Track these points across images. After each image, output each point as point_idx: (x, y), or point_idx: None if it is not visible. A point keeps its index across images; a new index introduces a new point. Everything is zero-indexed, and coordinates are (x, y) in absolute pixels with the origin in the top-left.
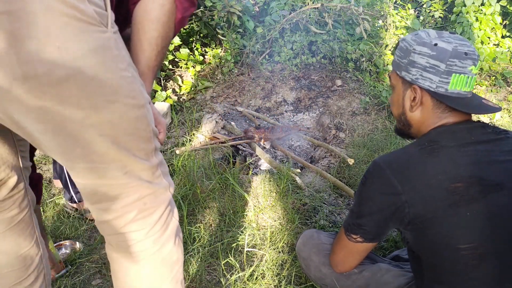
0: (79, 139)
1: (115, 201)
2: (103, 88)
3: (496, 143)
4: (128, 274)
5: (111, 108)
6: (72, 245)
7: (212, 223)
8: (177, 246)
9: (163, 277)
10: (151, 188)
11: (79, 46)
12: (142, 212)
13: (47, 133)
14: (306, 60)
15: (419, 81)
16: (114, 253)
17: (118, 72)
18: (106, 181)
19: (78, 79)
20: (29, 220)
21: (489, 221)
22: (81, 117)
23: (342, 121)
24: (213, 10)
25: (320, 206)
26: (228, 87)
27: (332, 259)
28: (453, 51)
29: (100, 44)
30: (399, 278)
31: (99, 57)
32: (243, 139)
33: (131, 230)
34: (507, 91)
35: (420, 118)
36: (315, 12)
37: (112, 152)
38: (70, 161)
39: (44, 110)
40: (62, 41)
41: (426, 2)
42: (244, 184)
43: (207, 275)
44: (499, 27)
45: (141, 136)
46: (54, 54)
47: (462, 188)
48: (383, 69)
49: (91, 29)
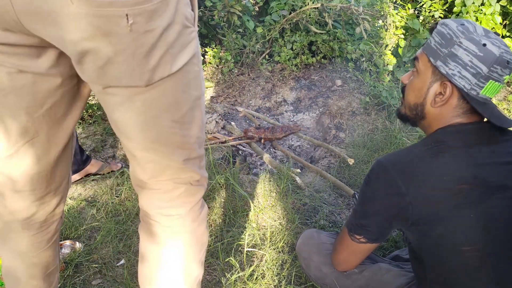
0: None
1: (168, 173)
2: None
3: (502, 144)
4: (163, 250)
5: (187, 100)
6: (72, 245)
7: (212, 223)
8: (207, 229)
9: (194, 256)
10: (198, 173)
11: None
12: (188, 190)
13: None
14: (306, 60)
15: (455, 78)
16: (155, 229)
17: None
18: (168, 161)
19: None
20: (58, 239)
21: (492, 223)
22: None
23: (342, 121)
24: (213, 10)
25: (320, 206)
26: (228, 87)
27: (334, 258)
28: (499, 57)
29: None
30: (399, 278)
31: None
32: (243, 139)
33: (175, 205)
34: (507, 91)
35: (437, 115)
36: (315, 12)
37: (179, 137)
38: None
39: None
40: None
41: (426, 2)
42: (244, 184)
43: (207, 275)
44: (499, 27)
45: (200, 124)
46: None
47: (466, 189)
48: (383, 69)
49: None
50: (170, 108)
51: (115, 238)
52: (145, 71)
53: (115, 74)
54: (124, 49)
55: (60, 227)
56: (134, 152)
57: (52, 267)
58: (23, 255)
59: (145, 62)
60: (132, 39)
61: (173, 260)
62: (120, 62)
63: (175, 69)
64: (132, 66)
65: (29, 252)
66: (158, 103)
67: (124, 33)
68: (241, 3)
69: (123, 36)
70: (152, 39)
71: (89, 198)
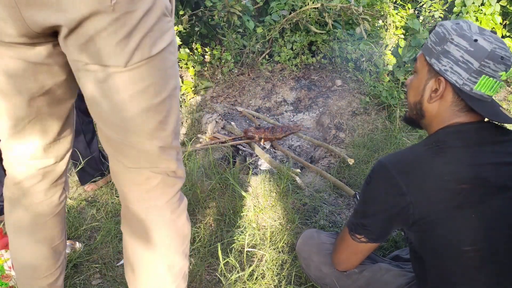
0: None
1: (144, 160)
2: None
3: (504, 145)
4: (144, 243)
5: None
6: (72, 245)
7: (212, 223)
8: (188, 221)
9: (176, 248)
10: (176, 163)
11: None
12: (165, 181)
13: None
14: (306, 60)
15: (447, 73)
16: (134, 221)
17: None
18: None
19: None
20: (63, 214)
21: (494, 223)
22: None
23: (342, 121)
24: (213, 10)
25: (320, 206)
26: (228, 87)
27: (334, 258)
28: (491, 52)
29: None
30: (399, 278)
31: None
32: (243, 139)
33: (153, 197)
34: (507, 91)
35: (435, 112)
36: (315, 12)
37: (155, 123)
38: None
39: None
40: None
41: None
42: (244, 184)
43: (207, 275)
44: (499, 27)
45: (177, 115)
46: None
47: (467, 189)
48: (383, 69)
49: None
50: (148, 91)
51: (115, 238)
52: (125, 51)
53: (96, 52)
54: (105, 28)
55: (64, 199)
56: (111, 134)
57: (58, 241)
58: (27, 223)
59: (126, 42)
60: (114, 18)
61: (154, 252)
62: (101, 41)
63: (154, 52)
64: (112, 45)
65: (33, 220)
66: (137, 84)
67: (107, 12)
68: (241, 3)
69: (106, 15)
70: (133, 21)
71: (89, 198)
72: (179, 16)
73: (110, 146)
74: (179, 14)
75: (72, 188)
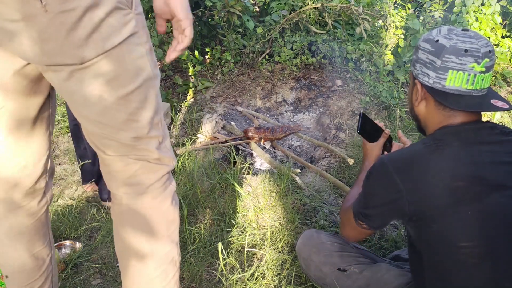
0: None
1: (121, 149)
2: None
3: (503, 144)
4: (125, 230)
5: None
6: (72, 245)
7: (212, 223)
8: (174, 207)
9: (160, 233)
10: (156, 152)
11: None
12: (146, 167)
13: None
14: (306, 60)
15: (419, 76)
16: (118, 208)
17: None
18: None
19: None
20: (45, 219)
21: (490, 220)
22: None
23: (342, 121)
24: (213, 10)
25: (320, 206)
26: (228, 87)
27: (342, 232)
28: (450, 47)
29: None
30: (399, 278)
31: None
32: (243, 139)
33: (133, 183)
34: (507, 91)
35: (425, 113)
36: (315, 12)
37: (124, 115)
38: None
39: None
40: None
41: (426, 2)
42: (244, 184)
43: (207, 275)
44: (499, 27)
45: (154, 106)
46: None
47: (463, 187)
48: (383, 69)
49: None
50: (112, 84)
51: None
52: (74, 49)
53: (46, 53)
54: (45, 28)
55: (45, 204)
56: (88, 127)
57: (38, 248)
58: (5, 229)
59: (71, 40)
60: (50, 19)
61: (134, 239)
62: (45, 41)
63: (109, 46)
64: (58, 45)
65: (10, 225)
66: (98, 78)
67: (40, 14)
68: (241, 3)
69: (40, 16)
70: (72, 18)
71: (89, 198)
72: None
73: (91, 138)
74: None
75: (72, 188)
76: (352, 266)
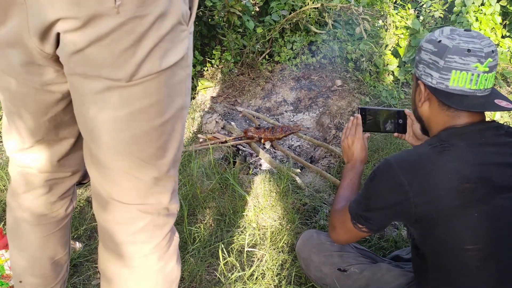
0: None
1: (134, 193)
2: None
3: (509, 145)
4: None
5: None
6: (72, 245)
7: (212, 223)
8: (178, 263)
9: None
10: (169, 197)
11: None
12: (155, 222)
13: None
14: (306, 60)
15: (422, 77)
16: (112, 266)
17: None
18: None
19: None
20: (69, 225)
21: (496, 222)
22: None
23: (342, 121)
24: (213, 10)
25: (320, 206)
26: (228, 87)
27: (333, 235)
28: (453, 47)
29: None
30: (399, 278)
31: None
32: (243, 139)
33: (138, 241)
34: (507, 91)
35: (429, 114)
36: (315, 12)
37: (154, 149)
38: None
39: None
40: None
41: (426, 2)
42: (244, 184)
43: (207, 275)
44: (499, 27)
45: (179, 141)
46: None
47: (470, 188)
48: (383, 69)
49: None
50: (150, 111)
51: None
52: (130, 63)
53: (95, 61)
54: (108, 33)
55: (71, 211)
56: (98, 154)
57: (60, 255)
58: (29, 236)
59: (132, 53)
60: (119, 23)
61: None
62: (102, 48)
63: (165, 66)
64: (115, 55)
65: (36, 233)
66: (139, 102)
67: (110, 15)
68: (241, 3)
69: (108, 18)
70: (142, 27)
71: (89, 198)
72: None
73: (95, 167)
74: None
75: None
76: (352, 266)
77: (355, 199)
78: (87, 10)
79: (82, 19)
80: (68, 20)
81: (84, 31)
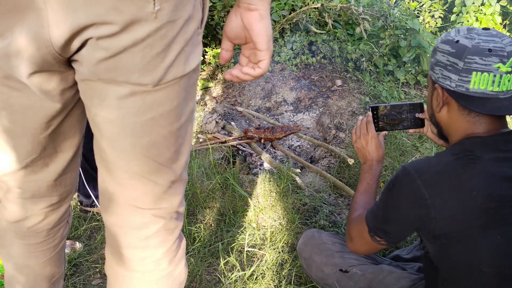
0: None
1: (149, 198)
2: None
3: None
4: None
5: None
6: (72, 245)
7: (212, 223)
8: (185, 266)
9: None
10: (179, 200)
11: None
12: (167, 227)
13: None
14: (306, 60)
15: (440, 80)
16: (121, 270)
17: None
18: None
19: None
20: (64, 245)
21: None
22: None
23: (342, 121)
24: (213, 10)
25: (320, 206)
26: (228, 87)
27: (351, 247)
28: (473, 47)
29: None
30: (401, 280)
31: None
32: (243, 139)
33: (150, 246)
34: None
35: (448, 119)
36: (315, 12)
37: (171, 153)
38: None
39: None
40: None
41: (426, 2)
42: (244, 184)
43: (207, 275)
44: (499, 27)
45: (190, 143)
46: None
47: (494, 208)
48: (383, 69)
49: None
50: (170, 116)
51: None
52: (160, 68)
53: (126, 67)
54: (144, 39)
55: (66, 232)
56: (114, 159)
57: (57, 275)
58: (27, 262)
59: (162, 57)
60: (155, 28)
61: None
62: (135, 54)
63: (187, 70)
64: (146, 60)
65: (34, 259)
66: (161, 107)
67: (147, 20)
68: None
69: (146, 23)
70: (173, 32)
71: None
72: None
73: (108, 172)
74: None
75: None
76: (354, 268)
77: (372, 210)
78: (127, 16)
79: (120, 25)
80: (104, 25)
81: (120, 37)
